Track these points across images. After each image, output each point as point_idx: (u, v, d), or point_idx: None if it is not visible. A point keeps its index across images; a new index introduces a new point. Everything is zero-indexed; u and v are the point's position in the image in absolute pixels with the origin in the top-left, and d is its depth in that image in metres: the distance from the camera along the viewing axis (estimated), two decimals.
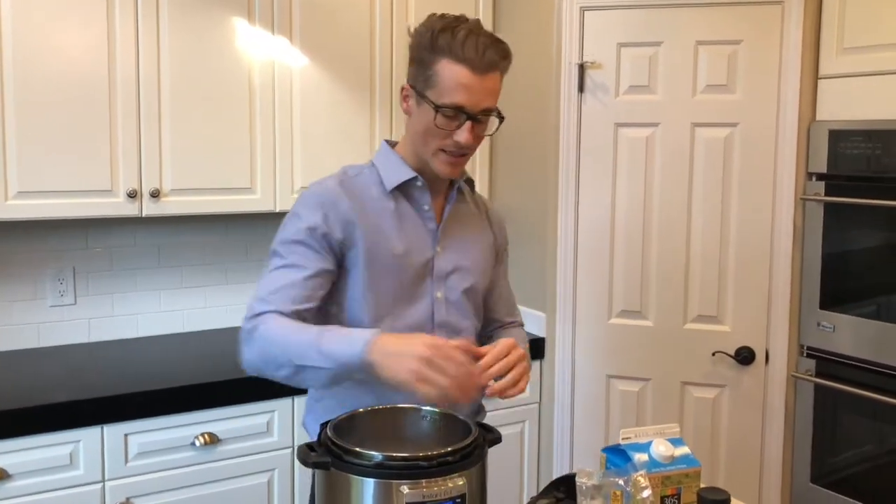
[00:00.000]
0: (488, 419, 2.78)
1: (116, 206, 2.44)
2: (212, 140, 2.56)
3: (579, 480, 1.23)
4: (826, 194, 2.51)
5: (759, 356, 2.66)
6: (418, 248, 1.63)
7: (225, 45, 2.55)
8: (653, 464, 1.33)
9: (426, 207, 1.65)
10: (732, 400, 2.71)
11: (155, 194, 2.48)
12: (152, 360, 2.58)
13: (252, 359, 1.48)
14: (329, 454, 1.29)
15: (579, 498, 1.23)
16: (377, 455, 1.26)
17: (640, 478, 1.21)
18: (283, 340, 1.43)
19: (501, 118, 1.57)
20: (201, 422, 2.32)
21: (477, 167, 3.08)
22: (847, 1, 2.44)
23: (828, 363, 2.54)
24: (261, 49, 2.61)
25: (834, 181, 2.50)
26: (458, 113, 1.51)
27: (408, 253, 1.61)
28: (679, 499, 1.34)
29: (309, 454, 1.30)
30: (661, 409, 2.77)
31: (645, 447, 1.35)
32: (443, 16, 1.55)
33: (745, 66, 2.58)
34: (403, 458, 1.25)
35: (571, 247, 2.80)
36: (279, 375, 1.46)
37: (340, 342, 1.39)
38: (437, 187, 1.68)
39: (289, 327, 1.44)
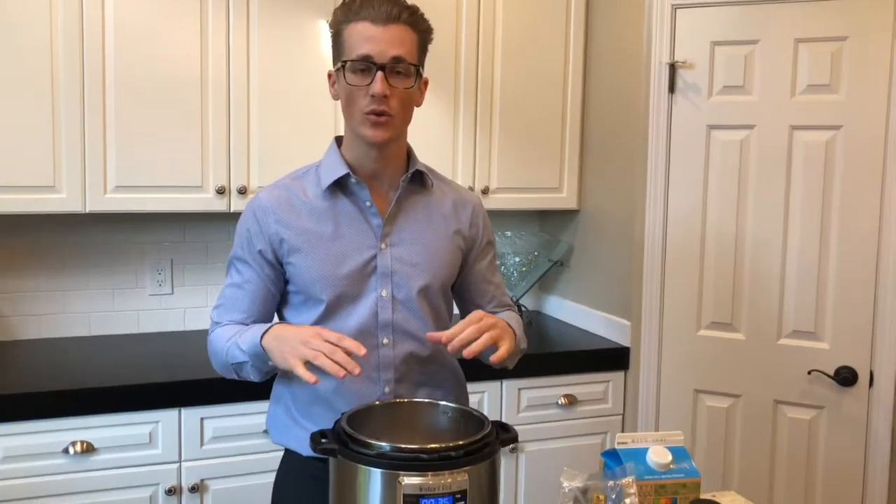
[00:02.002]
0: (568, 427, 2.73)
1: (206, 201, 2.57)
2: (297, 139, 2.64)
3: (563, 482, 1.18)
4: None
5: (863, 377, 2.45)
6: (357, 247, 1.58)
7: (311, 47, 2.63)
8: (647, 471, 1.25)
9: (367, 203, 1.59)
10: (831, 423, 2.51)
11: (242, 191, 2.58)
12: None
13: (214, 367, 1.66)
14: (338, 441, 1.30)
15: (562, 501, 1.18)
16: (382, 445, 1.25)
17: (627, 483, 1.14)
18: (221, 346, 1.60)
19: (419, 70, 1.54)
20: None
21: (566, 168, 3.03)
22: None
23: None
24: None
25: None
26: (367, 65, 1.48)
27: (345, 253, 1.57)
28: None
29: (319, 441, 1.32)
30: (752, 428, 2.61)
31: (641, 454, 1.27)
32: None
33: (850, 65, 2.40)
34: (405, 450, 1.24)
35: (659, 253, 2.69)
36: (232, 377, 1.62)
37: (249, 335, 1.52)
38: (385, 180, 1.62)
39: (224, 334, 1.60)
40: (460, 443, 1.26)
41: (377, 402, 1.46)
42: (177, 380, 2.33)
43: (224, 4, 2.53)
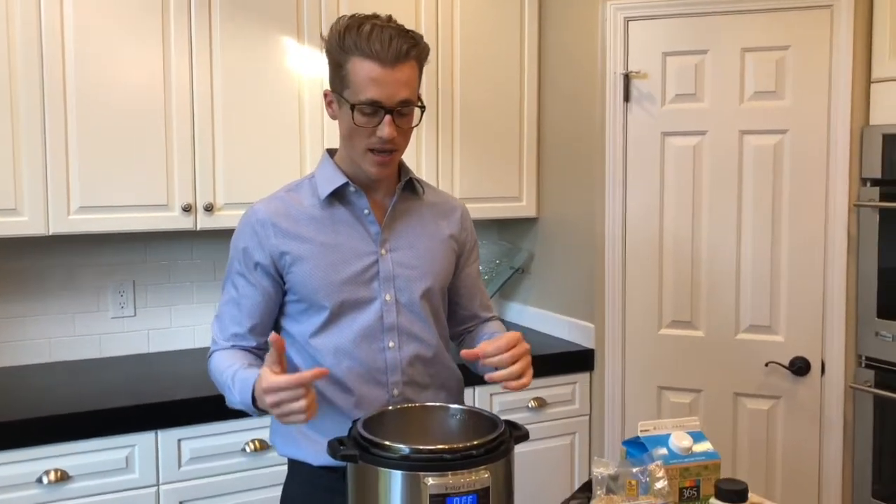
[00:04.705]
0: (539, 429, 2.80)
1: (172, 219, 2.54)
2: (263, 155, 2.64)
3: (595, 470, 1.23)
4: (881, 200, 2.45)
5: (815, 367, 2.59)
6: (358, 254, 1.61)
7: (275, 63, 2.64)
8: (671, 455, 1.32)
9: (366, 211, 1.62)
10: (788, 412, 2.64)
11: (209, 208, 2.57)
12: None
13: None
14: (357, 447, 1.32)
15: (594, 488, 1.23)
16: (403, 448, 1.28)
17: (655, 468, 1.21)
18: (218, 380, 1.61)
19: (423, 108, 1.56)
20: (252, 428, 2.38)
21: (524, 177, 3.11)
22: None
23: (888, 374, 2.46)
24: (310, 66, 2.69)
25: (889, 187, 2.44)
26: (375, 108, 1.49)
27: (346, 259, 1.60)
28: (698, 490, 1.32)
29: (338, 448, 1.34)
30: (714, 421, 2.72)
31: (664, 440, 1.34)
32: (352, 15, 1.54)
33: (793, 72, 2.55)
34: (428, 451, 1.27)
35: (619, 257, 2.79)
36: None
37: (241, 390, 1.52)
38: (380, 188, 1.65)
39: (221, 365, 1.60)
40: (481, 441, 1.30)
41: (389, 408, 1.49)
42: (152, 402, 2.29)
43: (186, 21, 2.51)
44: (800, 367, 2.59)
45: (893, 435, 2.47)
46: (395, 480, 1.28)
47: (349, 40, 1.49)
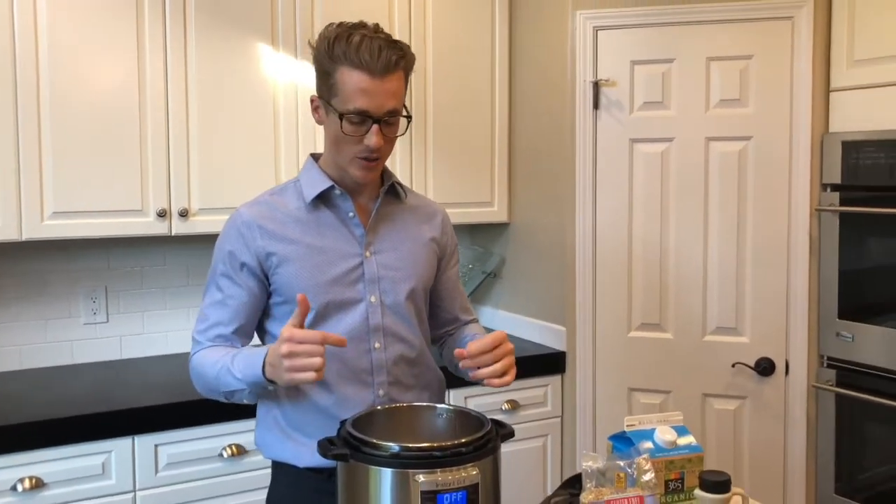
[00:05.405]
0: (515, 431, 2.83)
1: (147, 225, 2.54)
2: (238, 160, 2.65)
3: (585, 464, 1.27)
4: (841, 205, 2.54)
5: (779, 367, 2.67)
6: (343, 256, 1.63)
7: (250, 69, 2.66)
8: (657, 449, 1.37)
9: (350, 214, 1.65)
10: (754, 411, 2.72)
11: (183, 213, 2.57)
12: (182, 375, 2.64)
13: (199, 390, 1.66)
14: (348, 446, 1.35)
15: (584, 481, 1.28)
16: (393, 446, 1.31)
17: (642, 461, 1.25)
18: (209, 372, 1.59)
19: (409, 118, 1.60)
20: (230, 433, 2.38)
21: (496, 182, 3.15)
22: (856, 14, 2.49)
23: (849, 373, 2.55)
24: (284, 72, 2.71)
25: (848, 192, 2.53)
26: (363, 118, 1.52)
27: (331, 261, 1.62)
28: (682, 482, 1.38)
29: (329, 447, 1.36)
30: (683, 421, 2.78)
31: (649, 434, 1.39)
32: (340, 24, 1.56)
33: (756, 81, 2.63)
34: (418, 449, 1.30)
35: (590, 261, 2.84)
36: (221, 399, 1.63)
37: (246, 365, 1.52)
38: (364, 192, 1.68)
39: (210, 358, 1.60)
40: (469, 439, 1.33)
41: (378, 408, 1.52)
42: (127, 407, 2.28)
43: (160, 26, 2.52)
44: (765, 367, 2.67)
45: (855, 432, 2.56)
46: (385, 478, 1.31)
47: (338, 49, 1.51)
